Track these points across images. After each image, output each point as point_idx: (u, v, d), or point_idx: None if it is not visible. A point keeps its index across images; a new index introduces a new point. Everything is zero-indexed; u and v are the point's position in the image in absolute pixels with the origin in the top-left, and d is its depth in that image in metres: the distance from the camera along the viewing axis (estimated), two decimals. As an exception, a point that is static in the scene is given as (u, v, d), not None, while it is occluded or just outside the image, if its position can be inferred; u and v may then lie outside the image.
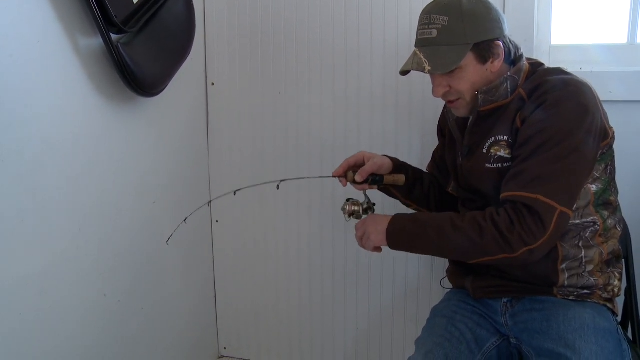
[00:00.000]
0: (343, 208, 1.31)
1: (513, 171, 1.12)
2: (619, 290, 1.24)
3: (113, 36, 1.30)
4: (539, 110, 1.11)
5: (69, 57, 1.26)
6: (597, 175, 1.18)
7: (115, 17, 1.27)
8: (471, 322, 1.26)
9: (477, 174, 1.24)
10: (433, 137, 1.51)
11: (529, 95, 1.16)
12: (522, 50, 1.23)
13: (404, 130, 1.75)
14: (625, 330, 1.29)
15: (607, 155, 1.18)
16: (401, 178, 1.33)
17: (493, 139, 1.20)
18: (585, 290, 1.20)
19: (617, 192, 1.25)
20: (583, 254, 1.19)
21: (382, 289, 1.87)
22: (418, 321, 1.83)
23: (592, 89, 1.14)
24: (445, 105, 1.40)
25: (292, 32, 1.80)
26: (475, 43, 1.15)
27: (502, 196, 1.11)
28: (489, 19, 1.16)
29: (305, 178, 1.41)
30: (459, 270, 1.37)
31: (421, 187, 1.42)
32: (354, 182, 1.29)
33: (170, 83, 1.57)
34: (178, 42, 1.60)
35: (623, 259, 1.30)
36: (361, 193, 1.34)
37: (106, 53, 1.31)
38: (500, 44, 1.17)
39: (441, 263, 1.76)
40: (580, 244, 1.19)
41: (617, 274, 1.24)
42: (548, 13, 1.63)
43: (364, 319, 1.91)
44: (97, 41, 1.32)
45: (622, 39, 1.60)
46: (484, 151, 1.21)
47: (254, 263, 1.99)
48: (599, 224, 1.19)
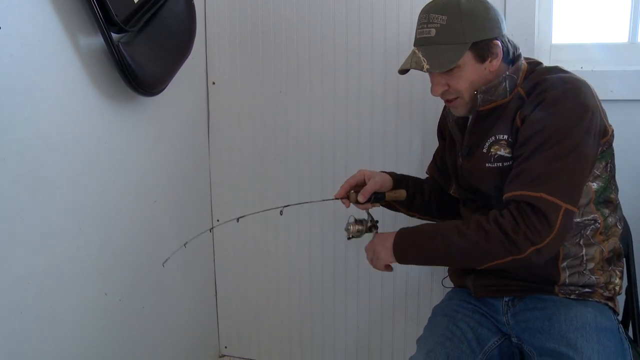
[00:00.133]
0: (347, 228, 1.31)
1: (515, 171, 1.11)
2: (620, 288, 1.24)
3: (114, 35, 1.30)
4: (539, 109, 1.11)
5: (70, 56, 1.26)
6: (597, 173, 1.18)
7: (116, 16, 1.27)
8: (472, 321, 1.26)
9: (478, 173, 1.24)
10: (434, 136, 1.51)
11: (528, 94, 1.16)
12: (520, 50, 1.24)
13: (404, 129, 1.75)
14: (627, 329, 1.30)
15: (607, 153, 1.18)
16: (402, 193, 1.34)
17: (493, 138, 1.20)
18: (587, 289, 1.20)
19: (617, 190, 1.25)
20: (584, 252, 1.19)
21: (382, 288, 1.87)
22: (419, 320, 1.83)
23: (590, 87, 1.14)
24: (445, 107, 1.40)
25: (292, 32, 1.80)
26: (474, 42, 1.15)
27: (505, 197, 1.11)
28: (487, 18, 1.16)
29: (309, 202, 1.42)
30: (460, 270, 1.37)
31: (422, 197, 1.43)
32: (356, 202, 1.30)
33: (170, 82, 1.57)
34: (179, 41, 1.60)
35: (624, 258, 1.30)
36: (364, 212, 1.34)
37: (107, 52, 1.31)
38: (499, 43, 1.17)
39: (442, 262, 1.76)
40: (581, 242, 1.19)
41: (618, 272, 1.24)
42: (549, 12, 1.63)
43: (365, 318, 1.91)
44: (97, 40, 1.32)
45: (623, 38, 1.60)
46: (484, 151, 1.21)
47: (254, 262, 1.99)
48: (599, 221, 1.19)
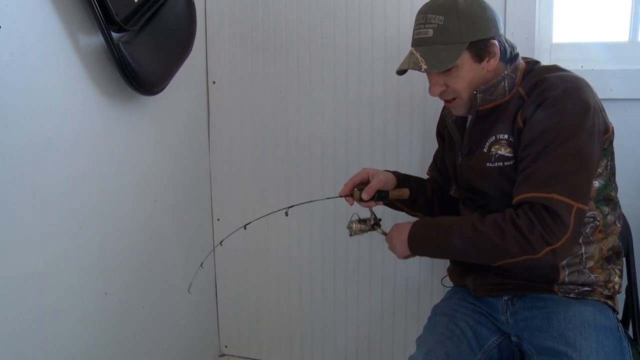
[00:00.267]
0: (349, 226, 1.32)
1: (523, 174, 1.11)
2: (620, 287, 1.24)
3: (114, 35, 1.30)
4: (540, 110, 1.11)
5: (70, 55, 1.26)
6: (599, 171, 1.18)
7: (116, 15, 1.27)
8: (472, 320, 1.26)
9: (478, 173, 1.24)
10: (434, 135, 1.51)
11: (529, 94, 1.16)
12: (517, 49, 1.24)
13: (404, 128, 1.75)
14: (627, 328, 1.30)
15: (607, 151, 1.18)
16: (406, 192, 1.35)
17: (493, 137, 1.20)
18: (586, 288, 1.20)
19: (617, 188, 1.25)
20: (583, 250, 1.19)
21: (383, 288, 1.87)
22: (419, 320, 1.83)
23: (589, 85, 1.14)
24: (443, 109, 1.41)
25: (293, 31, 1.80)
26: (471, 42, 1.15)
27: (516, 199, 1.10)
28: (484, 18, 1.16)
29: (314, 201, 1.41)
30: (459, 269, 1.37)
31: (424, 196, 1.43)
32: (360, 200, 1.30)
33: (171, 82, 1.56)
34: (179, 40, 1.60)
35: (624, 257, 1.30)
36: (367, 210, 1.34)
37: (107, 51, 1.31)
38: (496, 42, 1.17)
39: (442, 262, 1.76)
40: (580, 240, 1.18)
41: (617, 271, 1.23)
42: (549, 11, 1.63)
43: (365, 317, 1.91)
44: (97, 39, 1.32)
45: (624, 36, 1.60)
46: (485, 150, 1.21)
47: (255, 261, 2.00)
48: (598, 219, 1.19)
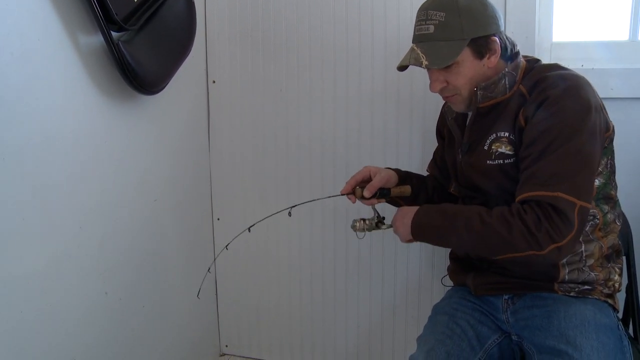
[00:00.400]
0: (353, 225, 1.32)
1: (527, 173, 1.11)
2: (620, 285, 1.24)
3: (114, 34, 1.30)
4: (542, 109, 1.11)
5: (70, 55, 1.26)
6: (599, 169, 1.18)
7: (116, 14, 1.27)
8: (472, 319, 1.26)
9: (478, 170, 1.24)
10: (434, 133, 1.51)
11: (530, 92, 1.16)
12: (518, 47, 1.24)
13: (405, 127, 1.75)
14: (627, 327, 1.30)
15: (608, 149, 1.18)
16: (407, 189, 1.35)
17: (494, 135, 1.20)
18: (586, 286, 1.20)
19: (617, 187, 1.25)
20: (583, 248, 1.19)
21: (383, 287, 1.87)
22: (419, 319, 1.83)
23: (589, 83, 1.14)
24: (443, 106, 1.41)
25: (293, 30, 1.80)
26: (472, 38, 1.15)
27: (520, 198, 1.09)
28: (485, 15, 1.17)
29: (316, 200, 1.41)
30: (460, 268, 1.37)
31: (426, 193, 1.44)
32: (362, 197, 1.30)
33: (171, 81, 1.57)
34: (179, 40, 1.60)
35: (624, 256, 1.30)
36: (370, 208, 1.34)
37: (107, 51, 1.31)
38: (497, 39, 1.18)
39: (442, 261, 1.76)
40: (580, 238, 1.18)
41: (617, 269, 1.24)
42: (549, 10, 1.63)
43: (366, 316, 1.91)
44: (97, 39, 1.31)
45: (624, 36, 1.60)
46: (485, 148, 1.21)
47: (255, 261, 2.00)
48: (598, 217, 1.19)
